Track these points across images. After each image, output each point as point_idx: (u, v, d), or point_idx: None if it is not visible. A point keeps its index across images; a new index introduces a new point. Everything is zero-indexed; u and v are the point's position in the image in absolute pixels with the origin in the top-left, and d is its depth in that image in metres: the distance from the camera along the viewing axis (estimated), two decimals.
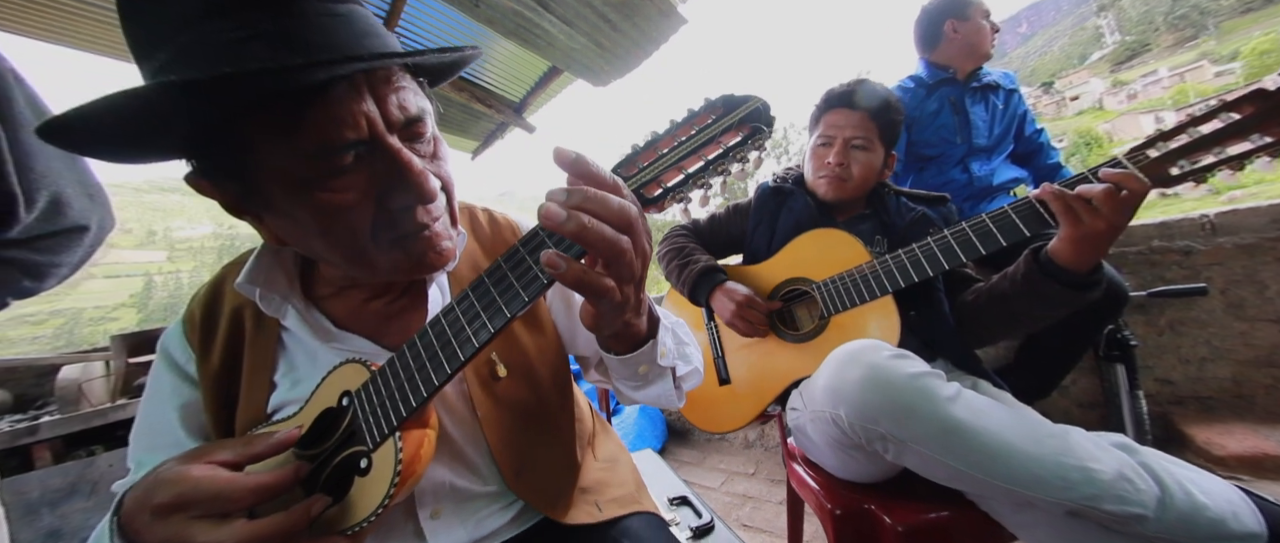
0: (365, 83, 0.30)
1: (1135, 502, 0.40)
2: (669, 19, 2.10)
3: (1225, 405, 1.16)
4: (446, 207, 0.36)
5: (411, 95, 0.32)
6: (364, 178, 0.31)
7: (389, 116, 0.31)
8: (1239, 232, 1.15)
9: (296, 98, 0.28)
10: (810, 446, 0.66)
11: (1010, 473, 0.43)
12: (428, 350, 0.30)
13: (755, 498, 1.34)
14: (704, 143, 0.28)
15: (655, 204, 0.28)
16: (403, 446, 0.31)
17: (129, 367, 1.52)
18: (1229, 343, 1.16)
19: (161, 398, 0.41)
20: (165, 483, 0.28)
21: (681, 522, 0.68)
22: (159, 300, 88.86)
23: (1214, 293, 1.15)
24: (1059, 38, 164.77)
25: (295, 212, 0.31)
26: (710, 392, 0.81)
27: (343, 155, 0.30)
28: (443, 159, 0.36)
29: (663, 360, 0.37)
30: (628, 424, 1.73)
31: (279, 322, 0.40)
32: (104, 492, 1.35)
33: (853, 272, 0.69)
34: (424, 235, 0.34)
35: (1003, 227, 0.57)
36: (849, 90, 0.79)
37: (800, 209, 0.82)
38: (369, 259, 0.34)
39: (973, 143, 1.25)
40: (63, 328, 79.33)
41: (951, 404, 0.46)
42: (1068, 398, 1.27)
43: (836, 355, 0.55)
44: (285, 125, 0.28)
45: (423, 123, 0.33)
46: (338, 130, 0.29)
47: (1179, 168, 0.49)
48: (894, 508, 0.56)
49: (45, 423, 1.34)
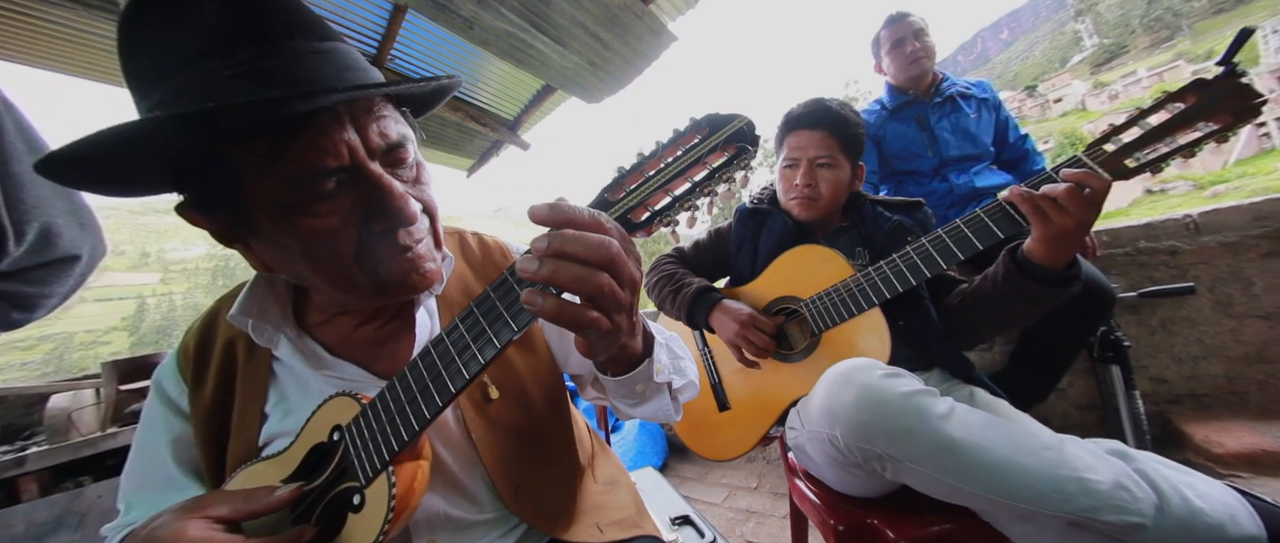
0: (347, 113, 0.31)
1: (1133, 511, 0.39)
2: (659, 37, 2.16)
3: (1220, 402, 1.17)
4: (430, 229, 0.37)
5: (392, 124, 0.34)
6: (347, 203, 0.32)
7: (370, 144, 0.32)
8: (1222, 230, 1.18)
9: (281, 128, 0.29)
10: (811, 463, 0.65)
11: (1007, 489, 0.43)
12: (418, 382, 0.30)
13: (759, 513, 1.32)
14: (690, 164, 0.28)
15: (643, 229, 0.29)
16: (396, 480, 0.31)
17: (120, 394, 1.50)
18: (1219, 340, 1.17)
19: (154, 433, 0.42)
20: (158, 540, 0.28)
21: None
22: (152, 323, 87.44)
23: (1202, 291, 1.17)
24: (1040, 42, 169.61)
25: (281, 237, 0.32)
26: (711, 418, 0.80)
27: (325, 181, 0.31)
28: (425, 184, 0.37)
29: (658, 377, 0.37)
30: (628, 442, 1.71)
31: (271, 352, 0.41)
32: (92, 525, 1.31)
33: (838, 287, 0.69)
34: (406, 257, 0.35)
35: (977, 231, 0.58)
36: (806, 111, 0.80)
37: (779, 229, 0.82)
38: (353, 282, 0.34)
39: (943, 155, 1.29)
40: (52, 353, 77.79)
41: (946, 422, 0.46)
42: (1065, 401, 1.27)
43: (830, 376, 0.55)
44: (271, 154, 0.30)
45: (404, 149, 0.34)
46: (320, 158, 0.30)
47: (1135, 160, 0.51)
48: (896, 522, 0.56)
49: (32, 454, 1.31)
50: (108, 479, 1.37)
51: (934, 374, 0.71)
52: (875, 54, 1.42)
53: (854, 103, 1.00)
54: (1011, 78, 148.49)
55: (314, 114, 0.29)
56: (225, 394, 0.41)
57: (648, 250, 27.78)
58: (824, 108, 0.80)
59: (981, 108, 1.32)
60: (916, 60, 1.30)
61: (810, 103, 0.82)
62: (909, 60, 1.30)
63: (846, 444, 0.50)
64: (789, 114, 0.83)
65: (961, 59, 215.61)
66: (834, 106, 0.80)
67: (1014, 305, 0.61)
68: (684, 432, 0.84)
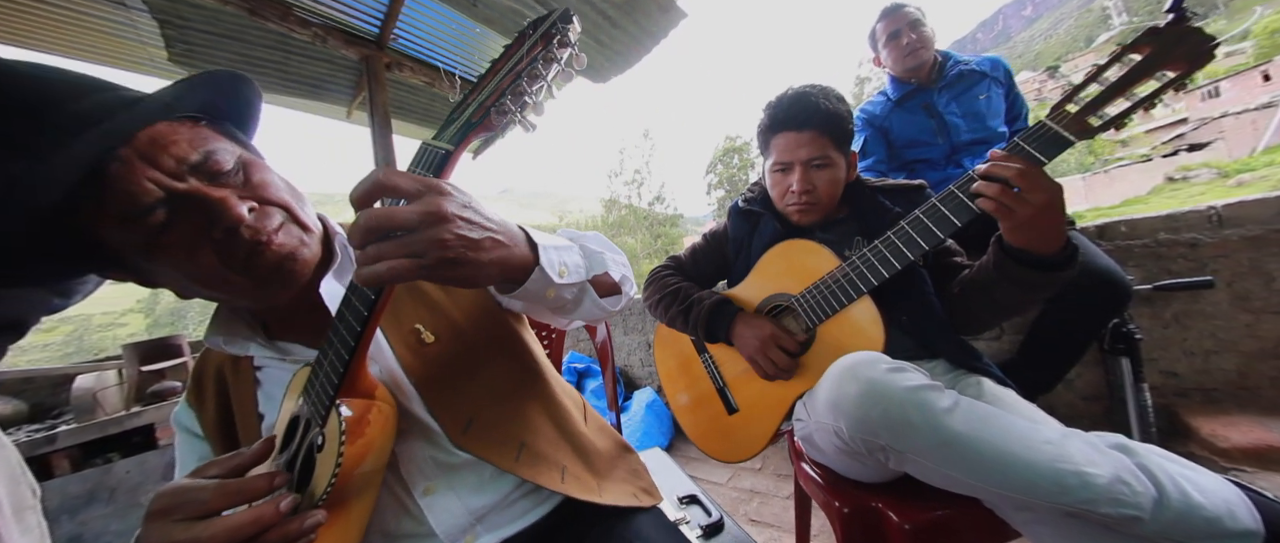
0: (132, 155, 0.33)
1: (1131, 505, 0.40)
2: (668, 13, 2.08)
3: (1230, 397, 1.16)
4: (290, 218, 0.40)
5: (186, 145, 0.35)
6: (185, 224, 0.35)
7: (169, 170, 0.34)
8: (1246, 224, 1.14)
9: (89, 189, 0.32)
10: (818, 452, 0.66)
11: (1006, 480, 0.44)
12: (343, 324, 0.35)
13: (762, 493, 1.36)
14: (515, 63, 0.32)
15: (481, 125, 0.33)
16: (346, 411, 0.35)
17: (142, 375, 1.55)
18: (1234, 335, 1.16)
19: (185, 463, 0.48)
20: (160, 496, 0.31)
21: (691, 521, 0.69)
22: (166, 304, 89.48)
23: (1220, 285, 1.15)
24: (1065, 20, 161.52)
25: (163, 271, 0.36)
26: (721, 423, 0.79)
27: (151, 216, 0.34)
28: (262, 184, 0.39)
29: (563, 280, 0.37)
30: (634, 422, 1.74)
31: (251, 362, 0.46)
32: (121, 498, 1.38)
33: (825, 279, 0.68)
34: (270, 251, 0.37)
35: (955, 208, 0.56)
36: (792, 112, 0.74)
37: (770, 233, 0.79)
38: (237, 286, 0.37)
39: (954, 141, 1.24)
40: (72, 335, 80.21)
41: (949, 416, 0.47)
42: (1072, 392, 1.27)
43: (835, 369, 0.55)
44: (97, 215, 0.33)
45: (214, 160, 0.36)
46: (134, 199, 0.33)
47: (1098, 118, 0.50)
48: (901, 506, 0.57)
49: (62, 432, 1.37)
50: (135, 455, 1.43)
51: (939, 364, 0.71)
52: (873, 47, 1.37)
53: (867, 83, 0.96)
54: (1033, 57, 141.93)
55: (97, 167, 0.31)
56: (225, 409, 0.46)
57: (660, 248, 27.36)
58: (810, 104, 0.74)
59: (992, 87, 1.27)
60: (913, 52, 1.25)
61: (793, 99, 0.75)
62: (906, 52, 1.25)
63: (851, 437, 0.51)
64: (772, 114, 0.76)
65: (982, 36, 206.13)
66: (819, 100, 0.74)
67: (1011, 292, 0.59)
68: (698, 439, 0.84)
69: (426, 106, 2.79)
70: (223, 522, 0.29)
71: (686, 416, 0.86)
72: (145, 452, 1.45)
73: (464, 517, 0.42)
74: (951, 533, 0.56)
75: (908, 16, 1.26)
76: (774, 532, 1.18)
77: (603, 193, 31.17)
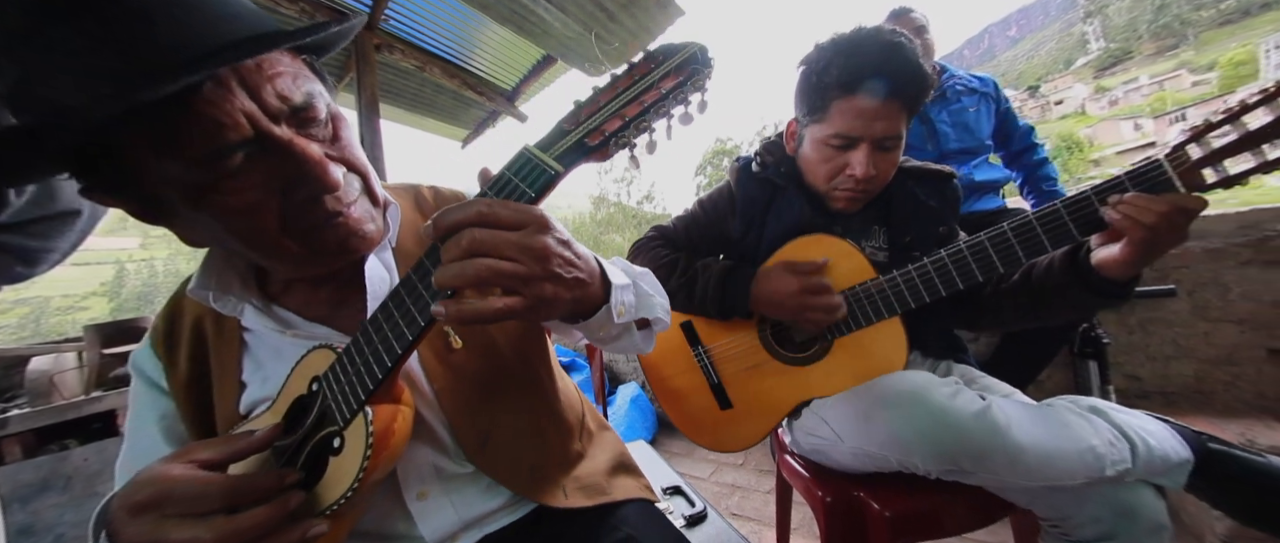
0: (233, 77, 0.28)
1: (1123, 462, 0.48)
2: (666, 10, 2.08)
3: (1187, 401, 1.23)
4: (364, 189, 0.36)
5: (291, 81, 0.31)
6: (261, 175, 0.30)
7: (269, 108, 0.29)
8: (1207, 236, 1.21)
9: (165, 109, 0.26)
10: (826, 459, 0.64)
11: (1054, 473, 0.49)
12: (390, 323, 0.30)
13: (744, 488, 1.37)
14: (644, 90, 0.29)
15: (598, 152, 0.29)
16: (373, 419, 0.31)
17: (103, 358, 1.47)
18: (1193, 342, 1.22)
19: (142, 415, 0.42)
20: (144, 483, 0.28)
21: (675, 511, 0.69)
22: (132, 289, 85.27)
23: (1182, 295, 1.21)
24: (1047, 42, 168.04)
25: (198, 218, 0.31)
26: (713, 416, 0.74)
27: (230, 157, 0.29)
28: (346, 142, 0.35)
29: (620, 319, 0.37)
30: (619, 416, 1.74)
31: (238, 322, 0.40)
32: (78, 487, 1.31)
33: (857, 290, 0.61)
34: (339, 223, 0.34)
35: (1026, 242, 0.51)
36: (881, 69, 0.55)
37: (794, 217, 0.66)
38: (285, 252, 0.33)
39: (942, 148, 1.28)
40: (28, 317, 75.78)
41: (1012, 432, 0.49)
42: (1043, 392, 1.31)
43: (887, 398, 0.53)
44: (162, 138, 0.27)
45: (313, 107, 0.32)
46: (218, 134, 0.28)
47: (1217, 172, 0.43)
48: (883, 496, 0.58)
49: (14, 416, 1.29)
50: (93, 442, 1.36)
51: (913, 355, 0.67)
52: None
53: None
54: (1016, 77, 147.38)
55: (196, 85, 0.26)
56: (200, 369, 0.41)
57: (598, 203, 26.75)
58: (905, 62, 0.55)
59: (981, 101, 1.32)
60: None
61: (883, 50, 0.56)
62: None
63: (927, 470, 0.53)
64: (848, 63, 0.56)
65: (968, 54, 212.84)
66: (914, 58, 0.56)
67: (1059, 309, 0.56)
68: (686, 427, 0.80)
69: (416, 92, 2.72)
70: (230, 524, 0.26)
71: (672, 402, 0.79)
72: (106, 438, 1.38)
73: (454, 524, 0.40)
74: (932, 522, 0.57)
75: (914, 22, 1.28)
76: (755, 525, 1.19)
77: (592, 189, 30.99)
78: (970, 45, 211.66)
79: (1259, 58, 68.73)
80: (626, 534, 0.41)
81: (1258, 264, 1.16)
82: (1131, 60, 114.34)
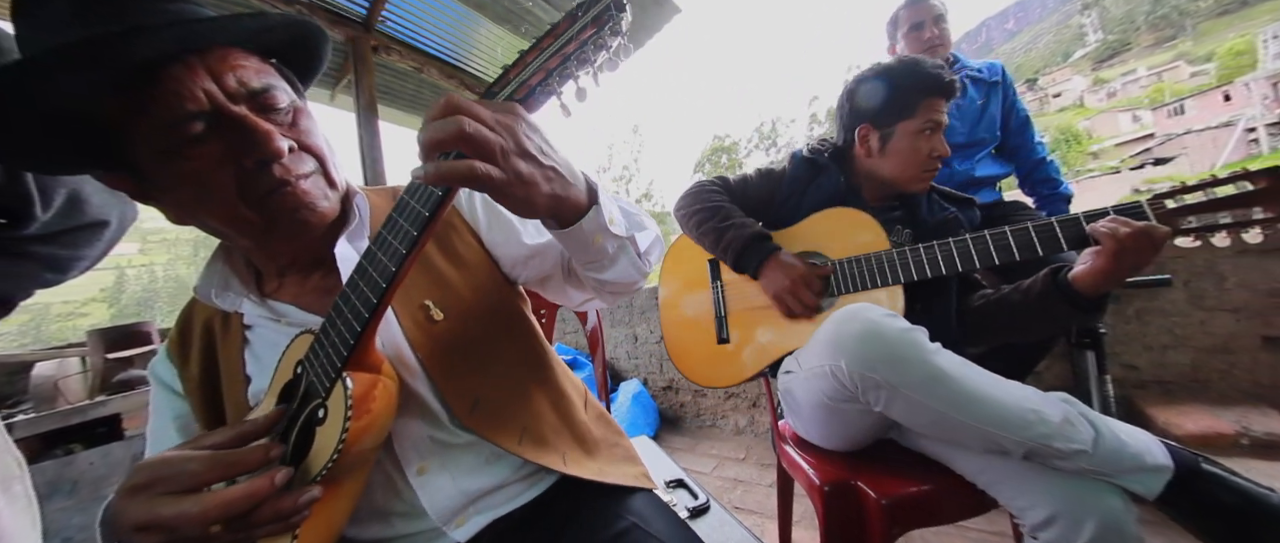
0: (199, 64, 0.33)
1: (1078, 440, 0.48)
2: (662, 8, 2.08)
3: (1184, 389, 1.24)
4: (319, 171, 0.39)
5: (253, 73, 0.36)
6: (218, 145, 0.34)
7: (227, 89, 0.34)
8: None
9: (141, 80, 0.32)
10: (796, 408, 0.69)
11: (983, 414, 0.50)
12: (356, 293, 0.33)
13: (746, 482, 1.39)
14: (565, 42, 0.31)
15: (526, 105, 0.32)
16: (351, 384, 0.33)
17: (108, 363, 1.48)
18: (1189, 331, 1.23)
19: (160, 417, 0.45)
20: (140, 469, 0.29)
21: (678, 503, 0.70)
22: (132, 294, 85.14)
23: (1177, 284, 1.22)
24: (1044, 35, 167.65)
25: (173, 186, 0.35)
26: (707, 348, 0.82)
27: (191, 124, 0.33)
28: (306, 131, 0.39)
29: (614, 228, 0.38)
30: (622, 412, 1.75)
31: (241, 319, 0.43)
32: (84, 491, 1.32)
33: (869, 256, 0.70)
34: (288, 191, 0.36)
35: (1021, 244, 0.60)
36: (947, 83, 0.75)
37: (831, 187, 0.80)
38: (246, 220, 0.36)
39: (949, 141, 1.28)
40: (29, 324, 75.69)
41: (936, 356, 0.53)
42: (1041, 382, 1.32)
43: (837, 315, 0.59)
44: (137, 105, 0.33)
45: (271, 94, 0.36)
46: (180, 103, 0.33)
47: (1188, 222, 0.54)
48: (879, 482, 0.59)
49: (20, 422, 1.29)
50: (99, 446, 1.37)
51: None
52: (891, 35, 1.38)
53: None
54: (1013, 70, 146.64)
55: (165, 66, 0.32)
56: (210, 367, 0.44)
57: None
58: (945, 70, 0.77)
59: (990, 93, 1.30)
60: (933, 47, 1.27)
61: (944, 70, 0.76)
62: (925, 46, 1.27)
63: (850, 374, 0.55)
64: (931, 73, 0.75)
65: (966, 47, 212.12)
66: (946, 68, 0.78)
67: (1039, 322, 0.65)
68: (678, 356, 0.86)
69: (414, 93, 2.72)
70: (214, 497, 0.27)
71: (675, 330, 0.88)
72: (110, 443, 1.38)
73: (457, 498, 0.41)
74: (926, 507, 0.58)
75: (933, 10, 1.27)
76: (757, 518, 1.20)
77: None
78: (968, 39, 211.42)
79: (1258, 48, 68.62)
80: (632, 523, 0.42)
81: (1253, 253, 1.17)
82: (1129, 52, 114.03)
